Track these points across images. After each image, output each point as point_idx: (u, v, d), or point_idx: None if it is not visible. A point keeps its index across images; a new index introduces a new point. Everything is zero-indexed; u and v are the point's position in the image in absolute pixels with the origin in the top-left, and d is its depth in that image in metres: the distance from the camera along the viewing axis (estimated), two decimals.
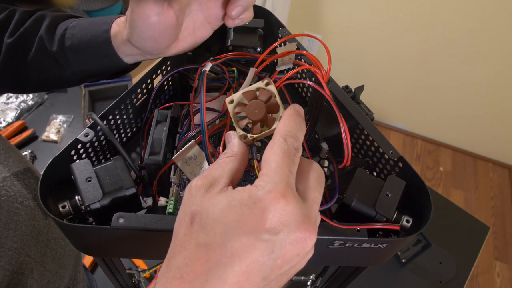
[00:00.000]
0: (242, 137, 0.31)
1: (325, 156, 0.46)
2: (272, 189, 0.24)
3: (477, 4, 1.63)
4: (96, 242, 0.37)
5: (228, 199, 0.24)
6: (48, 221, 0.47)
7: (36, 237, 0.44)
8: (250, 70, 0.41)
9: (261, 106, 0.31)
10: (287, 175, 0.25)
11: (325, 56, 0.36)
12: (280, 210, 0.23)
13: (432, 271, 0.93)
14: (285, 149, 0.26)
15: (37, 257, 0.44)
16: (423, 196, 0.38)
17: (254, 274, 0.23)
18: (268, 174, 0.25)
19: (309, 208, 0.25)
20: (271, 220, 0.23)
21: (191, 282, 0.23)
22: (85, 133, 0.41)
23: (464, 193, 2.04)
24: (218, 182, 0.26)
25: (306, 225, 0.24)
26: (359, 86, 0.48)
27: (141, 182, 0.43)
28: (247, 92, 0.32)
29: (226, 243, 0.23)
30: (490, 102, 1.93)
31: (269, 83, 0.31)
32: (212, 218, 0.24)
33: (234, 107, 0.32)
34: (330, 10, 1.95)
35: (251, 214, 0.23)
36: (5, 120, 1.13)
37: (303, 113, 0.30)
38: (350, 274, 0.49)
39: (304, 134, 0.29)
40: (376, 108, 2.11)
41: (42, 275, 0.44)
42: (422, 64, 1.93)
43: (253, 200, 0.24)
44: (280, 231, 0.23)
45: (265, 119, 0.31)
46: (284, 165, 0.25)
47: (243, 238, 0.23)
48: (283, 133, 0.27)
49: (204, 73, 0.40)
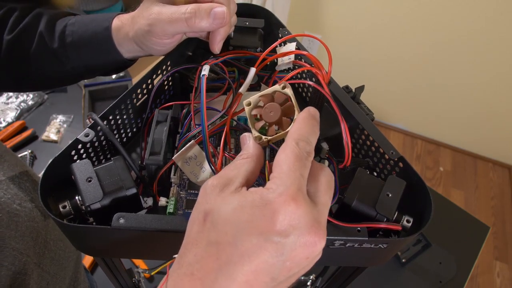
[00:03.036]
0: (257, 138, 0.31)
1: (325, 156, 0.46)
2: (283, 192, 0.24)
3: (478, 4, 1.63)
4: (96, 242, 0.37)
5: (240, 199, 0.25)
6: (47, 222, 0.47)
7: (35, 238, 0.44)
8: (250, 70, 0.41)
9: (276, 109, 0.31)
10: (298, 179, 0.25)
11: (325, 56, 0.36)
12: (290, 213, 0.24)
13: (432, 271, 0.93)
14: (297, 153, 0.26)
15: (35, 258, 0.43)
16: (423, 196, 0.38)
17: (263, 274, 0.23)
18: (279, 177, 0.25)
19: (319, 212, 0.26)
20: (282, 222, 0.23)
21: (201, 279, 0.24)
22: (85, 133, 0.41)
23: (464, 193, 2.04)
24: (233, 182, 0.27)
25: (316, 229, 0.24)
26: (359, 86, 0.48)
27: (141, 182, 0.43)
28: (264, 95, 0.32)
29: (236, 243, 0.23)
30: (490, 102, 1.92)
31: (285, 86, 0.32)
32: (224, 217, 0.24)
33: (251, 109, 0.33)
34: (330, 10, 1.95)
35: (262, 216, 0.24)
36: (5, 120, 1.13)
37: (318, 116, 0.30)
38: (350, 274, 0.49)
39: (317, 137, 0.29)
40: (376, 108, 2.10)
41: (41, 277, 0.44)
42: (422, 64, 1.93)
43: (264, 202, 0.24)
44: (290, 234, 0.23)
45: (280, 122, 0.31)
46: (296, 168, 0.26)
47: (253, 239, 0.23)
48: (296, 137, 0.27)
49: (204, 77, 0.40)
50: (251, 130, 0.32)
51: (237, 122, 0.46)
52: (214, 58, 0.46)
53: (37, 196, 0.44)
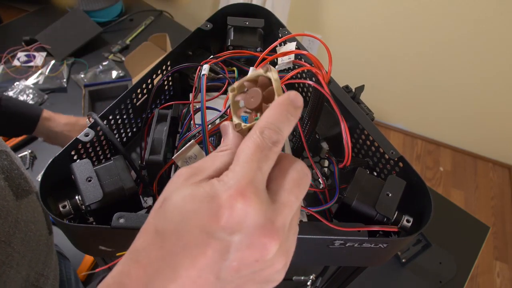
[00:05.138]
0: (236, 126, 0.29)
1: (325, 156, 0.46)
2: (232, 186, 0.22)
3: (478, 4, 1.63)
4: (96, 242, 0.37)
5: (193, 189, 0.23)
6: (19, 203, 0.46)
7: (4, 217, 0.43)
8: (250, 70, 0.41)
9: (257, 94, 0.29)
10: (253, 171, 0.23)
11: (325, 55, 0.36)
12: (237, 210, 0.22)
13: (432, 271, 0.93)
14: (259, 143, 0.24)
15: (4, 236, 0.43)
16: (423, 196, 0.38)
17: (206, 271, 0.22)
18: (234, 169, 0.23)
19: (276, 211, 0.23)
20: (227, 219, 0.22)
21: (144, 267, 0.22)
22: (85, 133, 0.41)
23: (464, 193, 2.04)
24: (201, 173, 0.25)
25: (267, 230, 0.22)
26: (359, 86, 0.48)
27: (141, 182, 0.43)
28: (249, 79, 0.30)
29: (180, 232, 0.22)
30: (490, 102, 1.92)
31: (268, 69, 0.29)
32: (174, 205, 0.23)
33: (235, 95, 0.31)
34: (330, 10, 1.95)
35: (208, 209, 0.22)
36: None
37: (299, 101, 0.26)
38: (350, 274, 0.49)
39: (292, 126, 0.26)
40: (376, 108, 2.10)
41: (10, 256, 0.44)
42: (422, 64, 1.93)
43: (212, 195, 0.22)
44: (236, 232, 0.22)
45: (261, 108, 0.29)
46: (253, 160, 0.23)
47: (196, 231, 0.22)
48: (262, 124, 0.25)
49: (204, 77, 0.40)
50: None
51: None
52: (214, 57, 0.46)
53: (13, 176, 0.45)
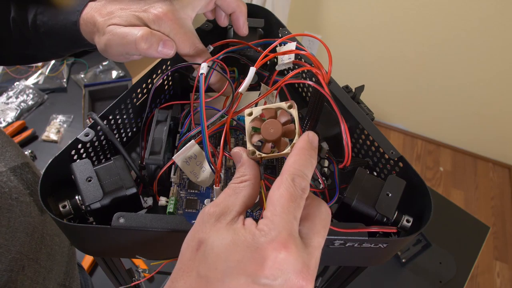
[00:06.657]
0: (250, 153, 0.30)
1: (325, 156, 0.46)
2: (274, 238, 0.25)
3: (477, 4, 1.63)
4: (96, 242, 0.37)
5: (234, 237, 0.25)
6: (44, 217, 0.47)
7: (31, 234, 0.44)
8: (250, 69, 0.41)
9: (277, 127, 0.30)
10: (291, 222, 0.26)
11: (325, 55, 0.36)
12: (280, 260, 0.24)
13: (432, 271, 0.93)
14: (292, 192, 0.26)
15: (31, 254, 0.43)
16: (423, 196, 0.38)
17: None
18: (272, 219, 0.26)
19: (310, 255, 0.26)
20: (271, 267, 0.24)
21: None
22: (85, 133, 0.41)
23: (464, 193, 2.04)
24: (230, 211, 0.27)
25: (304, 274, 0.24)
26: (359, 86, 0.48)
27: (141, 182, 0.43)
28: (268, 109, 0.31)
29: (225, 280, 0.24)
30: (490, 102, 1.92)
31: (292, 106, 0.31)
32: (216, 252, 0.25)
33: (251, 120, 0.32)
34: (330, 10, 1.95)
35: (252, 259, 0.24)
36: (5, 120, 1.13)
37: (316, 141, 0.29)
38: (350, 274, 0.49)
39: (313, 168, 0.29)
40: (376, 108, 2.10)
41: (37, 272, 0.44)
42: (422, 64, 1.93)
43: (255, 245, 0.25)
44: (278, 277, 0.24)
45: (278, 141, 0.30)
46: (289, 211, 0.26)
47: (241, 279, 0.24)
48: (292, 171, 0.27)
49: (202, 76, 0.40)
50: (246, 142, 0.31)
51: (237, 121, 0.46)
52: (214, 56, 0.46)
53: (37, 189, 0.45)
